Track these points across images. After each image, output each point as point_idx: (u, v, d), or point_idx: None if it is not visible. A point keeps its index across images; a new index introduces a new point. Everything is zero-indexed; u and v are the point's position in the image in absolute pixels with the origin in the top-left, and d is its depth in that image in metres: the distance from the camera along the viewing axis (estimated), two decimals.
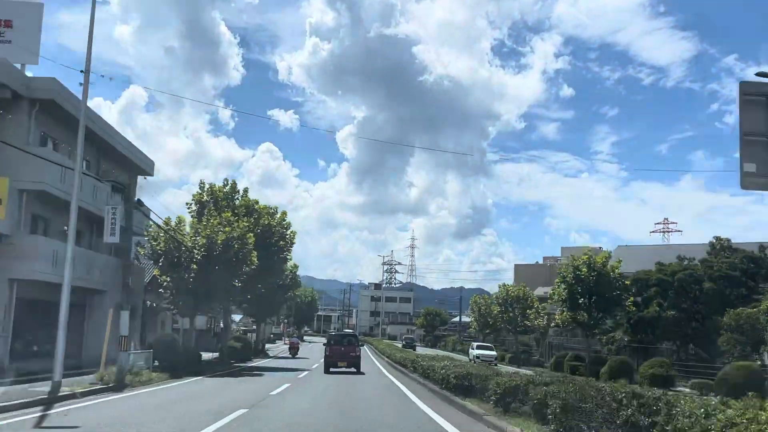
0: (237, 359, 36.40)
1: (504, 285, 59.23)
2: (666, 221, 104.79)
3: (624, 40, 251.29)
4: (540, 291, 67.01)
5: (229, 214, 30.55)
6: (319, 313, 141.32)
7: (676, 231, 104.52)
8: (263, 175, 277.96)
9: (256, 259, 30.48)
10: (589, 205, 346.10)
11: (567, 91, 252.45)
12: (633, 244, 69.01)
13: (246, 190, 36.90)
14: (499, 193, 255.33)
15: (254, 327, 55.97)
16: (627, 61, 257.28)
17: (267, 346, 58.31)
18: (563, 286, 35.49)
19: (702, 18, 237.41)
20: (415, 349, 53.43)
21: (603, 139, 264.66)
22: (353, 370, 29.62)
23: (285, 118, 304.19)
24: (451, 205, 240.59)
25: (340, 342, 31.17)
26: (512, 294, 55.70)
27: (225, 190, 35.57)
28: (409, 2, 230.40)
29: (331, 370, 29.38)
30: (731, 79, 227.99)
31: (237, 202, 35.77)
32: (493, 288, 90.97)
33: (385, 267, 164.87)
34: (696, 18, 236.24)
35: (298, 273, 52.46)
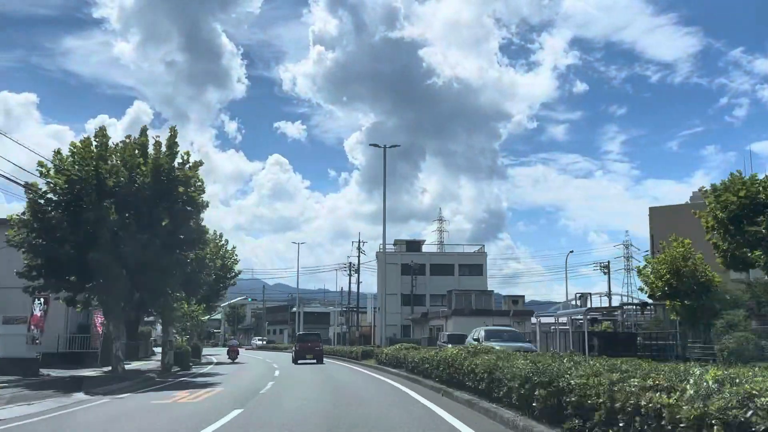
0: None
1: None
2: None
3: (629, 38, 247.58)
4: None
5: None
6: (309, 309, 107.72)
7: None
8: (273, 188, 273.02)
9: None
10: (603, 206, 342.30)
11: (575, 90, 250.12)
12: None
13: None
14: (512, 197, 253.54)
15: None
16: (633, 59, 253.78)
17: None
18: None
19: (705, 12, 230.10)
20: None
21: (612, 139, 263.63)
22: (315, 361, 35.27)
23: (293, 129, 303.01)
24: (466, 210, 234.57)
25: (306, 339, 38.14)
26: None
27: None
28: (412, 4, 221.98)
29: (299, 361, 35.24)
30: (739, 72, 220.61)
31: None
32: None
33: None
34: (699, 12, 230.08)
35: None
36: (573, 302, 73.55)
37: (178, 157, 22.44)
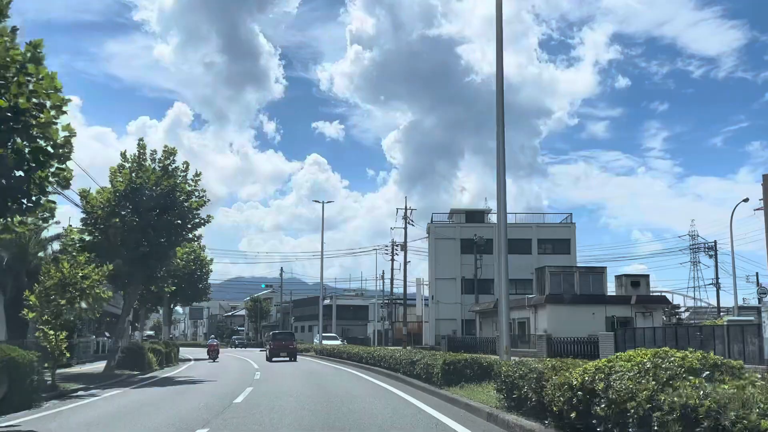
0: None
1: None
2: None
3: (671, 32, 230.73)
4: None
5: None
6: (343, 302, 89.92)
7: None
8: (312, 187, 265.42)
9: None
10: (645, 203, 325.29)
11: (617, 86, 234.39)
12: None
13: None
14: (553, 195, 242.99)
15: None
16: (675, 54, 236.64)
17: None
18: None
19: (751, 4, 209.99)
20: None
21: (654, 135, 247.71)
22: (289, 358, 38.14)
23: (331, 129, 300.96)
24: (507, 209, 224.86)
25: (281, 339, 40.86)
26: None
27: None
28: (450, 1, 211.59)
29: (274, 359, 37.51)
30: None
31: None
32: None
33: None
34: (744, 5, 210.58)
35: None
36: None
37: None
